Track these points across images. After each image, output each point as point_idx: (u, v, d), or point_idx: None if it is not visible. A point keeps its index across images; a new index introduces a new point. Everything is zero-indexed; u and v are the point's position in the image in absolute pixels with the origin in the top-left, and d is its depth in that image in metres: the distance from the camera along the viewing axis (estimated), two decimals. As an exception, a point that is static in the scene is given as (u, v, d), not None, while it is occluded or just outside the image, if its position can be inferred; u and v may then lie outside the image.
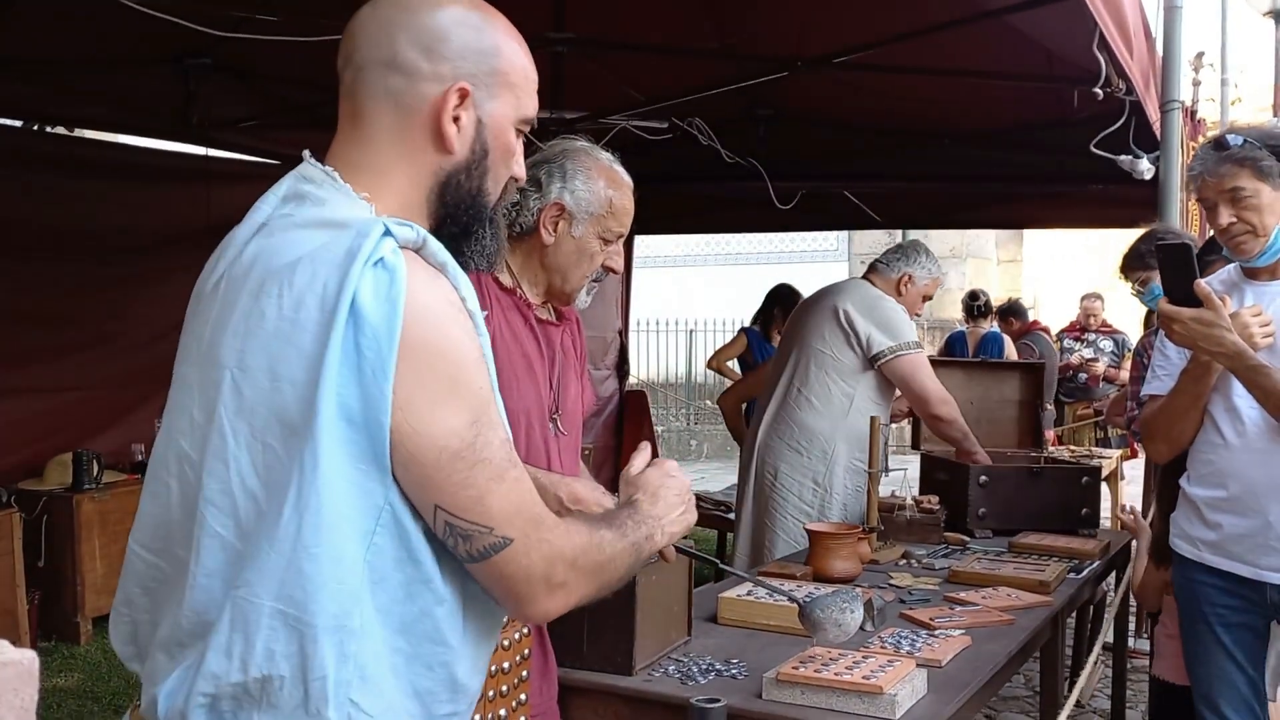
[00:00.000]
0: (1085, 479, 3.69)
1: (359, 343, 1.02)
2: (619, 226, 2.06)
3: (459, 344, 1.08)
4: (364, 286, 1.02)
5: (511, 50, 1.20)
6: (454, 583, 1.13)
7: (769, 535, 3.69)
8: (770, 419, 3.75)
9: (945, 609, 2.62)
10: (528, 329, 2.03)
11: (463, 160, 1.18)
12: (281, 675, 1.04)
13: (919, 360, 3.66)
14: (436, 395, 1.05)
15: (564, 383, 2.10)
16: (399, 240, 1.06)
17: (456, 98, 1.15)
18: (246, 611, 1.04)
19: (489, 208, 1.22)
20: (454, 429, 1.06)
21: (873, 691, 1.88)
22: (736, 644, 2.32)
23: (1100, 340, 8.35)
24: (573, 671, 2.12)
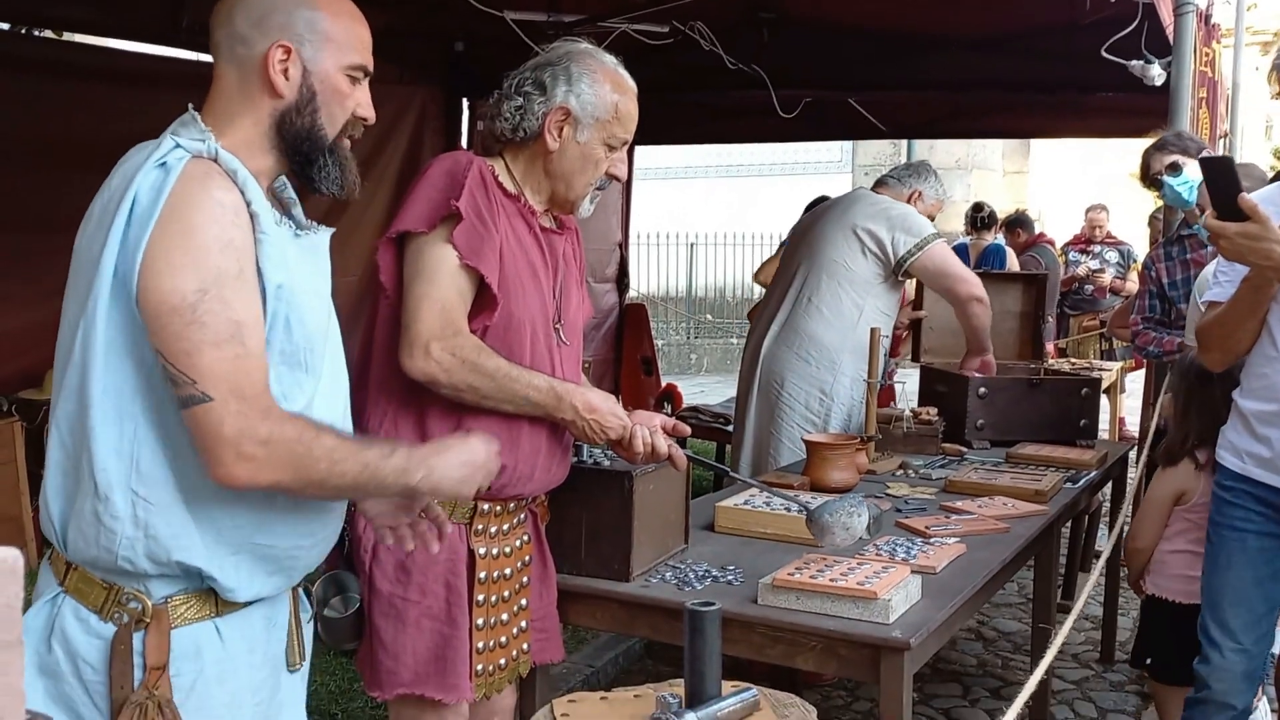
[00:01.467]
0: (1084, 390, 3.69)
1: (130, 221, 1.32)
2: (624, 133, 2.01)
3: (204, 227, 1.32)
4: (145, 181, 1.33)
5: (334, 13, 1.49)
6: None
7: (773, 444, 3.70)
8: (777, 329, 3.73)
9: (941, 518, 2.64)
10: (531, 236, 2.00)
11: (292, 102, 1.46)
12: (81, 464, 1.36)
13: (945, 249, 3.66)
14: (171, 262, 1.30)
15: (566, 292, 2.07)
16: (189, 151, 1.36)
17: (281, 52, 1.44)
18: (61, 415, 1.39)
19: (326, 139, 1.47)
20: (177, 289, 1.30)
21: (867, 596, 1.90)
22: (733, 551, 2.34)
23: (1106, 252, 8.29)
24: (571, 578, 2.14)
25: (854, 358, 3.58)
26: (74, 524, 1.39)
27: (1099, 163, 12.73)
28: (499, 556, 1.98)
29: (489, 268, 1.86)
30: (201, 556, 1.39)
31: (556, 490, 2.11)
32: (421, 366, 1.84)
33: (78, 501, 1.38)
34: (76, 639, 1.38)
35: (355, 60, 1.49)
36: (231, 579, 1.41)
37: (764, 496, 2.62)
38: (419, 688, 1.90)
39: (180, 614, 1.40)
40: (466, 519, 1.95)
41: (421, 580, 1.90)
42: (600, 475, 2.14)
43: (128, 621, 1.37)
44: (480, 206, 1.88)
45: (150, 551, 1.37)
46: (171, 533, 1.37)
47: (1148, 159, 3.59)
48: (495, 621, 1.97)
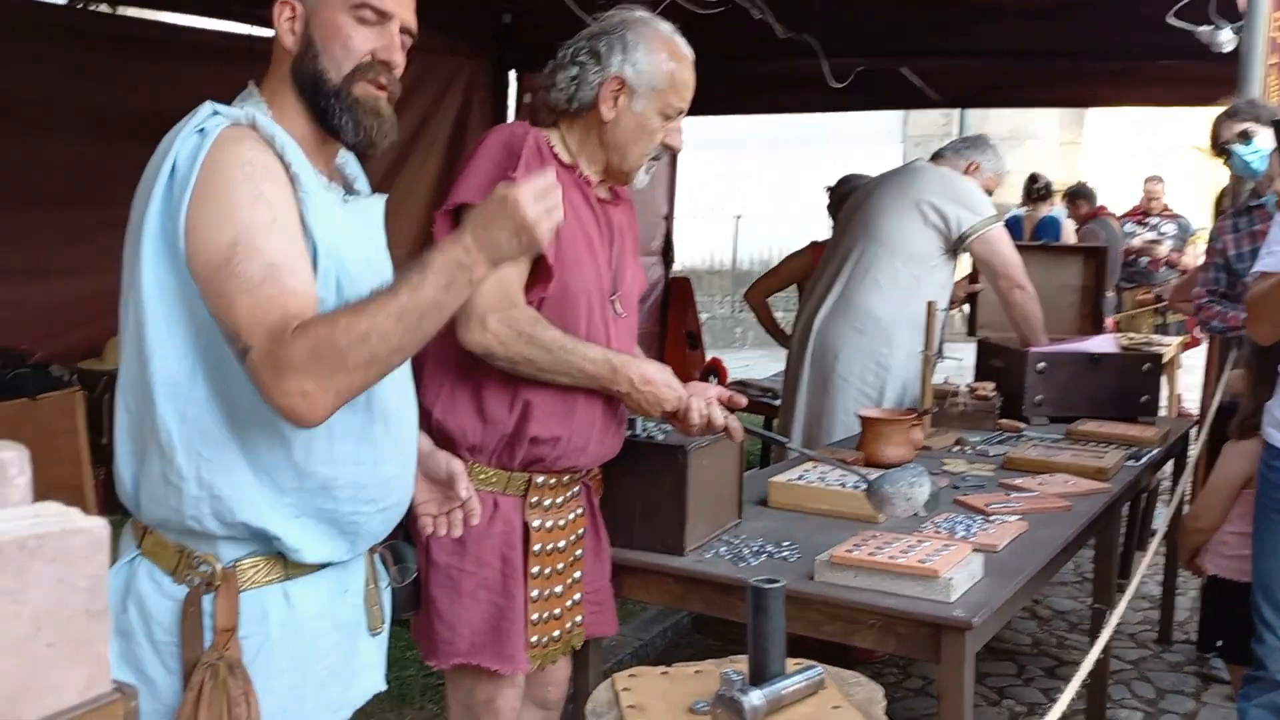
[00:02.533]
0: (1146, 366, 3.61)
1: (170, 185, 1.35)
2: (680, 102, 1.97)
3: (234, 184, 1.33)
4: (183, 147, 1.36)
5: None
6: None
7: (826, 418, 3.66)
8: (832, 303, 3.69)
9: (1001, 495, 2.59)
10: (588, 207, 1.97)
11: (298, 52, 1.46)
12: (147, 427, 1.40)
13: (1002, 233, 3.61)
14: (206, 222, 1.33)
15: (621, 263, 2.05)
16: (228, 117, 1.38)
17: (287, 10, 1.45)
18: (125, 381, 1.44)
19: (330, 84, 1.45)
20: (212, 245, 1.32)
21: (928, 574, 1.87)
22: (787, 527, 2.31)
23: (1163, 224, 8.11)
24: (625, 552, 2.13)
25: (910, 331, 3.53)
26: (144, 487, 1.41)
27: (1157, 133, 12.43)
28: (553, 529, 1.97)
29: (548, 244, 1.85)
30: (265, 517, 1.40)
31: (610, 464, 2.10)
32: (478, 339, 1.83)
33: (146, 464, 1.41)
34: (150, 600, 1.41)
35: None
36: (295, 540, 1.42)
37: (818, 471, 2.59)
38: (475, 658, 1.91)
39: (249, 577, 1.42)
40: (521, 491, 1.94)
41: (477, 552, 1.90)
42: (654, 449, 2.12)
43: (198, 584, 1.40)
44: None
45: (216, 511, 1.38)
46: (235, 493, 1.39)
47: (1217, 127, 3.48)
48: (549, 594, 1.96)
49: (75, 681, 0.59)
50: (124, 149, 4.80)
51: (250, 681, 1.40)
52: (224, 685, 1.38)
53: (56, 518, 0.59)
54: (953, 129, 13.26)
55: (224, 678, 1.38)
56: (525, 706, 2.06)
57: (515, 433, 1.90)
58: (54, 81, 4.56)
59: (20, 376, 4.21)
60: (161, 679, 1.41)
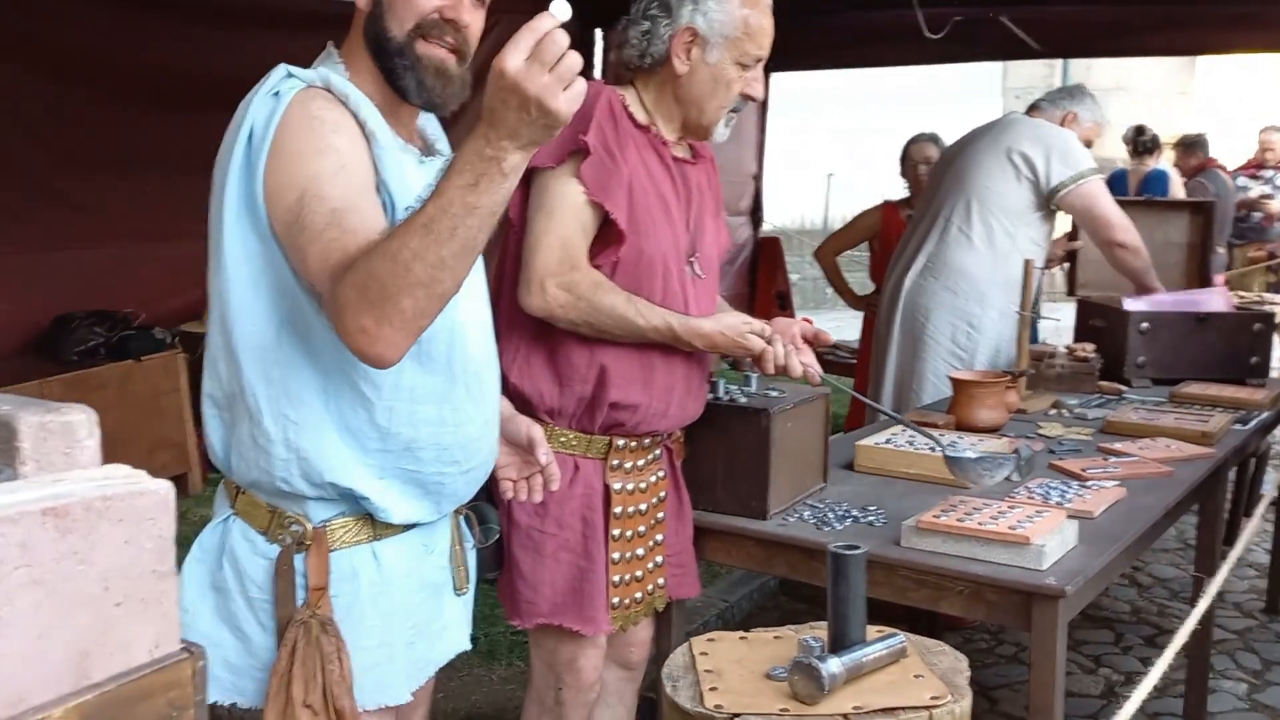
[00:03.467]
0: (1257, 326, 3.44)
1: (249, 149, 1.37)
2: (757, 49, 1.91)
3: (302, 140, 1.35)
4: (258, 111, 1.38)
5: None
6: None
7: (916, 380, 3.59)
8: (923, 262, 3.60)
9: (1098, 460, 2.51)
10: (663, 168, 1.94)
11: (369, 11, 1.47)
12: (235, 392, 1.42)
13: (1099, 187, 3.46)
14: (281, 181, 1.34)
15: (700, 224, 2.01)
16: (303, 80, 1.40)
17: None
18: (213, 346, 1.45)
19: (394, 43, 1.44)
20: (285, 204, 1.34)
21: (1019, 541, 1.82)
22: (874, 492, 2.27)
23: (1277, 177, 7.71)
24: (708, 515, 2.12)
25: (1004, 290, 3.42)
26: (235, 450, 1.45)
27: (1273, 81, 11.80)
28: (634, 492, 1.97)
29: (616, 203, 1.82)
30: (352, 477, 1.42)
31: (693, 426, 2.08)
32: (539, 303, 1.82)
33: (235, 428, 1.44)
34: (244, 558, 1.45)
35: None
36: (382, 500, 1.45)
37: (906, 435, 2.54)
38: (557, 618, 1.92)
39: (339, 537, 1.45)
40: (602, 454, 1.94)
41: (558, 514, 1.91)
42: (737, 412, 2.10)
43: (290, 543, 1.43)
44: (609, 139, 1.83)
45: (304, 472, 1.41)
46: (321, 454, 1.41)
47: None
48: (631, 556, 1.96)
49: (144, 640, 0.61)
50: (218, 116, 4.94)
51: (342, 638, 1.43)
52: (317, 642, 1.41)
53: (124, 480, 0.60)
54: (1055, 80, 12.76)
55: (317, 635, 1.41)
56: (608, 667, 2.07)
57: (593, 398, 1.89)
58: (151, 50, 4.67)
59: (126, 339, 4.38)
60: (257, 635, 1.45)
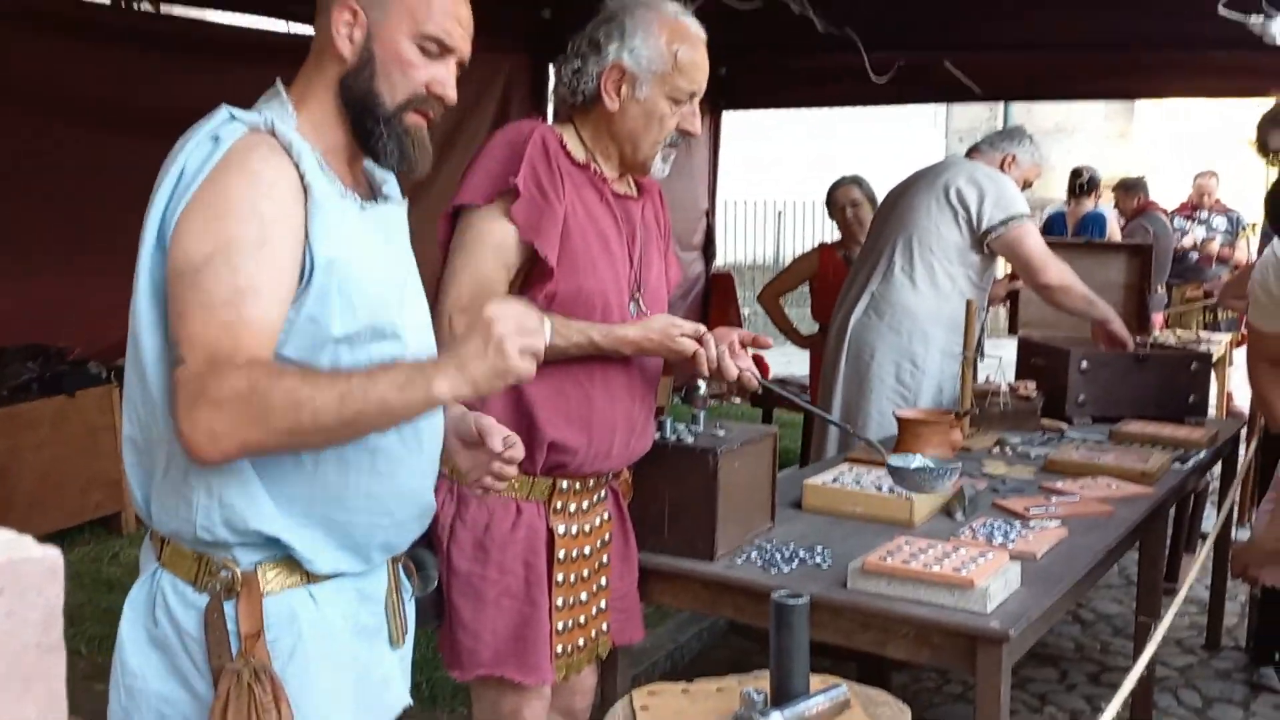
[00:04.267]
0: (1194, 365, 3.51)
1: (174, 192, 1.30)
2: (689, 84, 1.88)
3: (231, 196, 1.29)
4: (195, 153, 1.31)
5: None
6: None
7: (861, 417, 3.61)
8: (868, 300, 3.63)
9: (1041, 499, 2.53)
10: (603, 205, 1.92)
11: (352, 65, 1.40)
12: (153, 436, 1.36)
13: (1028, 230, 3.52)
14: (195, 228, 1.28)
15: (646, 260, 2.00)
16: (246, 123, 1.33)
17: (347, 14, 1.38)
18: (130, 387, 1.39)
19: (382, 109, 1.40)
20: (187, 252, 1.28)
21: (964, 584, 1.82)
22: (821, 531, 2.27)
23: (1213, 218, 7.91)
24: (654, 556, 2.10)
25: (946, 329, 3.47)
26: (156, 498, 1.38)
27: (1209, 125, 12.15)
28: (578, 535, 1.94)
29: (548, 242, 1.80)
30: (277, 525, 1.36)
31: (640, 467, 2.07)
32: (447, 338, 1.77)
33: (155, 476, 1.38)
34: (177, 611, 1.38)
35: (429, 30, 1.40)
36: (307, 549, 1.39)
37: (854, 474, 2.54)
38: (499, 668, 1.87)
39: (272, 580, 1.39)
40: (545, 496, 1.91)
41: (500, 559, 1.87)
42: (684, 452, 2.08)
43: (219, 590, 1.36)
44: (541, 178, 1.82)
45: (227, 519, 1.35)
46: (244, 501, 1.35)
47: (1263, 134, 3.36)
48: (574, 601, 1.93)
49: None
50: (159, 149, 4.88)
51: (282, 687, 1.36)
52: (250, 692, 1.34)
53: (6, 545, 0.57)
54: (997, 121, 13.06)
55: (249, 684, 1.34)
56: (551, 716, 2.03)
57: (529, 438, 1.84)
58: (101, 81, 4.61)
59: (60, 374, 4.27)
60: (204, 690, 1.37)
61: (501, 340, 1.27)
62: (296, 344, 1.33)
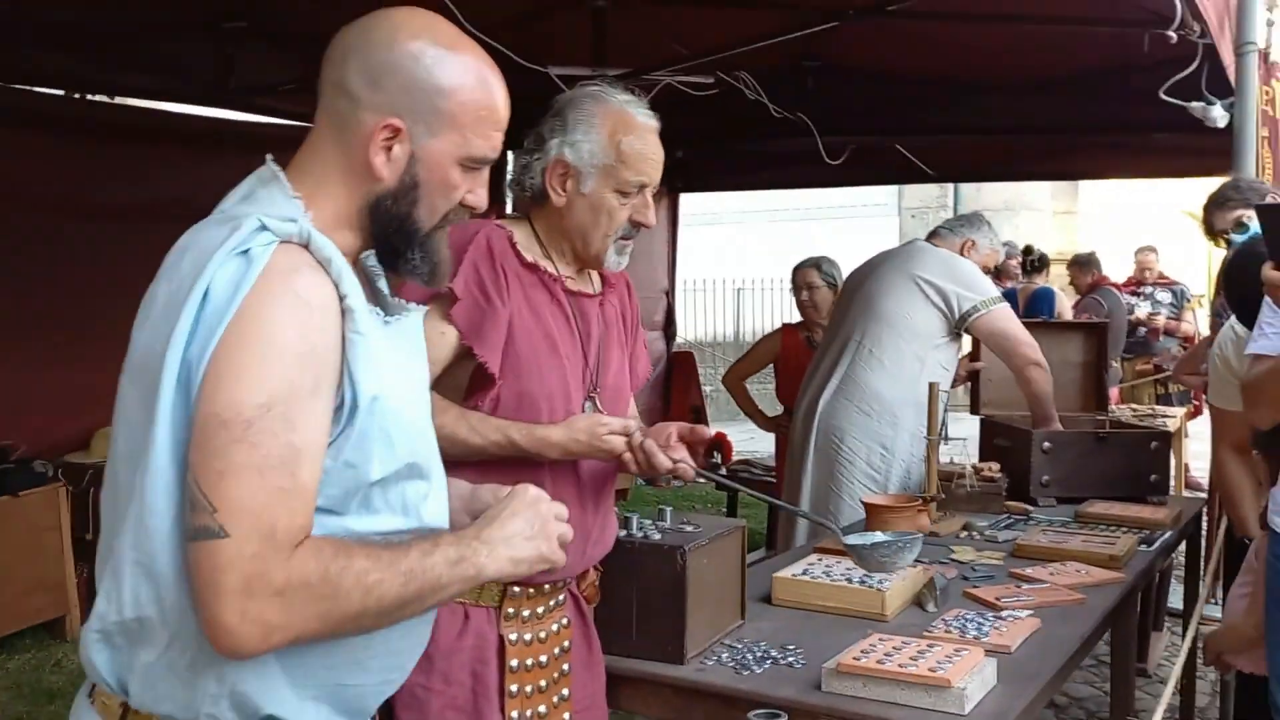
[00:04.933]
0: (1154, 444, 3.53)
1: (200, 317, 1.09)
2: (635, 175, 1.82)
3: (283, 332, 1.10)
4: (220, 273, 1.10)
5: (468, 90, 1.23)
6: None
7: (833, 503, 3.58)
8: (836, 383, 3.63)
9: (1011, 586, 2.50)
10: (554, 305, 1.86)
11: (391, 188, 1.22)
12: (149, 616, 1.12)
13: (1008, 311, 3.58)
14: (237, 368, 1.08)
15: (605, 359, 1.93)
16: (279, 234, 1.12)
17: (388, 132, 1.20)
18: (118, 562, 1.13)
19: (419, 234, 1.25)
20: (235, 400, 1.07)
21: (940, 684, 1.78)
22: (793, 627, 2.22)
23: (1158, 292, 8.09)
24: (621, 660, 2.03)
25: (915, 412, 3.47)
26: (139, 678, 1.15)
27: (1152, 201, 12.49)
28: (532, 642, 1.84)
29: (488, 348, 1.76)
30: (288, 707, 1.17)
31: (605, 566, 2.01)
32: None
33: (141, 656, 1.14)
34: None
35: (478, 151, 1.24)
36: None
37: (823, 565, 2.50)
38: None
39: None
40: (495, 602, 1.81)
41: (444, 668, 1.76)
42: (650, 550, 2.03)
43: None
44: (485, 280, 1.77)
45: (238, 705, 1.15)
46: (262, 685, 1.15)
47: (1210, 216, 3.44)
48: (533, 714, 1.83)
49: None
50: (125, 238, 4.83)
51: None
52: None
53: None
54: (948, 200, 13.33)
55: None
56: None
57: None
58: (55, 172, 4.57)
59: (3, 473, 4.14)
60: None
61: (546, 525, 1.24)
62: (328, 494, 1.15)
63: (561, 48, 4.24)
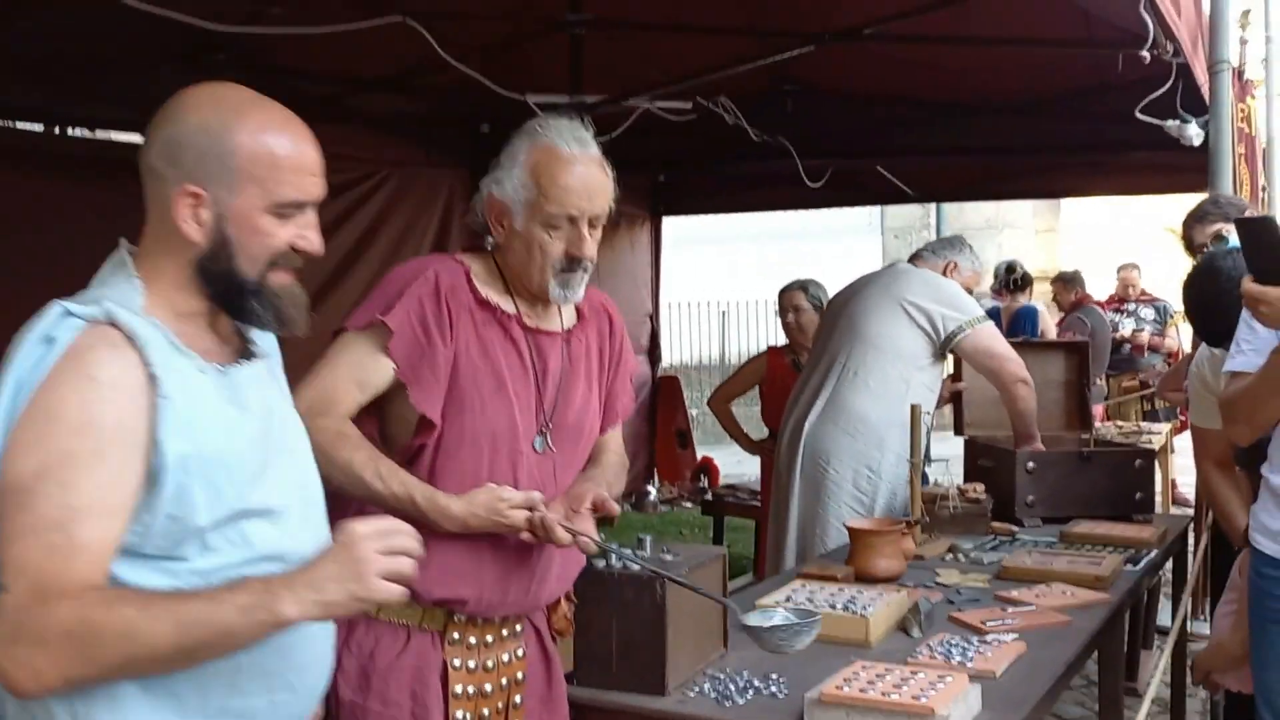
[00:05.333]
0: (1138, 463, 3.53)
1: (12, 403, 1.20)
2: (559, 209, 1.76)
3: (63, 406, 1.19)
4: (25, 361, 1.21)
5: (257, 145, 1.31)
6: None
7: (820, 526, 3.57)
8: (821, 406, 3.62)
9: (997, 610, 2.48)
10: (508, 342, 1.82)
11: (206, 249, 1.32)
12: None
13: (993, 330, 3.59)
14: (21, 443, 1.18)
15: (565, 396, 1.87)
16: (84, 317, 1.22)
17: (190, 199, 1.30)
18: None
19: (248, 284, 1.33)
20: (16, 471, 1.18)
21: (924, 713, 1.76)
22: (777, 656, 2.18)
23: (1141, 309, 8.13)
24: (602, 693, 2.00)
25: (900, 433, 3.45)
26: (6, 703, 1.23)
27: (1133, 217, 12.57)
28: (478, 670, 1.80)
29: (423, 391, 1.73)
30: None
31: (583, 598, 1.98)
32: None
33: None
34: None
35: (284, 198, 1.32)
36: None
37: (806, 592, 2.49)
38: None
39: None
40: (440, 627, 1.78)
41: (381, 687, 1.74)
42: (629, 581, 2.01)
43: None
44: (427, 316, 1.74)
45: None
46: (118, 710, 1.22)
47: (1189, 231, 3.46)
48: None
49: None
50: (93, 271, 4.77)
51: None
52: None
53: None
54: (931, 220, 13.39)
55: None
56: None
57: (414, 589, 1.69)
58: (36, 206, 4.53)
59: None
60: None
61: (360, 565, 1.22)
62: (158, 544, 1.24)
63: (539, 75, 4.25)
